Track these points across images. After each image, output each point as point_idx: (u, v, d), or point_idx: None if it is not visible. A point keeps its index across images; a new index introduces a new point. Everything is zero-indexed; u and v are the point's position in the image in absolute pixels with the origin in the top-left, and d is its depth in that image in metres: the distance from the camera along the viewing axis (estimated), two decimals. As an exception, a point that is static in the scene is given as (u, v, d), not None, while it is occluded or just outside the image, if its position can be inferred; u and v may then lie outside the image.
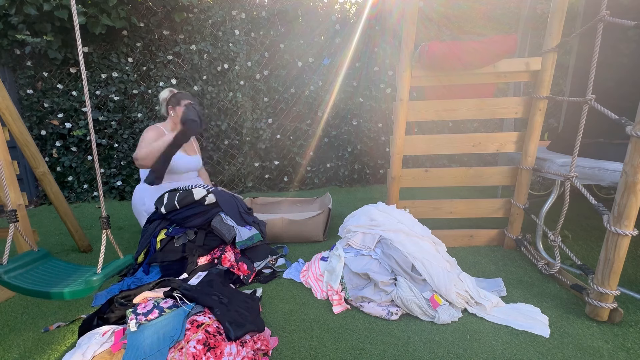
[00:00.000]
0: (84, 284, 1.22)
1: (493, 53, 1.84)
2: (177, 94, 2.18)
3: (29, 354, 1.35)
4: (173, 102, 2.15)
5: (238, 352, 1.20)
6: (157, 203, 1.94)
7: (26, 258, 1.38)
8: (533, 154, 1.98)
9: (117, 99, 3.51)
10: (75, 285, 1.24)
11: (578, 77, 2.34)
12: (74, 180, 3.64)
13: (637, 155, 1.22)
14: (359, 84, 3.78)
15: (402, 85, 1.96)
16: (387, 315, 1.51)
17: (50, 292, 1.20)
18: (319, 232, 2.36)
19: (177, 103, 2.15)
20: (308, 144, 3.87)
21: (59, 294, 1.20)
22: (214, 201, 1.93)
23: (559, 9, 1.72)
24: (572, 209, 2.78)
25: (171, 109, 2.16)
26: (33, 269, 1.36)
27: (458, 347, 1.32)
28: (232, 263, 1.86)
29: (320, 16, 3.61)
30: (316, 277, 1.79)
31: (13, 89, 3.44)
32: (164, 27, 3.45)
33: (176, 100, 2.15)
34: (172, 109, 2.16)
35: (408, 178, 2.15)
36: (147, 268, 1.82)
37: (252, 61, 3.60)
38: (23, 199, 1.81)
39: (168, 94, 2.18)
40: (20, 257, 1.37)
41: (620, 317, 1.41)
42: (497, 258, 2.06)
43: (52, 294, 1.20)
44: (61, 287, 1.22)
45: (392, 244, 1.67)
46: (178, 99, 2.16)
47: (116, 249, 1.43)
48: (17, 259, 1.34)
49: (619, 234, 1.30)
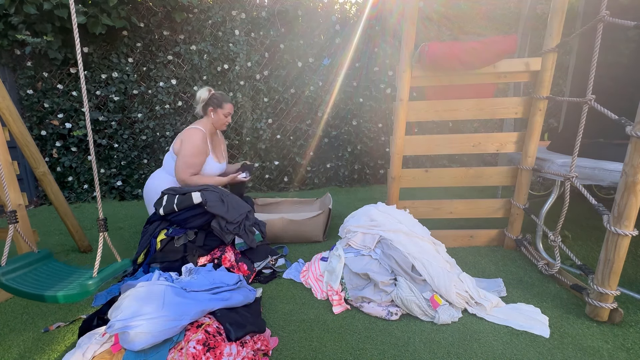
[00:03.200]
0: (79, 288, 1.20)
1: (493, 53, 1.84)
2: (218, 95, 2.15)
3: (28, 354, 1.35)
4: (215, 103, 2.13)
5: (238, 352, 1.20)
6: (156, 205, 1.94)
7: (25, 260, 1.36)
8: (533, 154, 1.98)
9: (117, 99, 3.51)
10: (71, 289, 1.22)
11: (578, 77, 2.34)
12: (74, 180, 3.64)
13: (637, 155, 1.22)
14: (359, 84, 3.78)
15: (402, 86, 1.96)
16: (387, 315, 1.50)
17: (45, 296, 1.19)
18: (319, 232, 2.36)
19: (219, 105, 2.13)
20: (308, 144, 3.87)
21: (53, 297, 1.18)
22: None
23: (559, 9, 1.72)
24: (572, 209, 2.78)
25: (212, 110, 2.14)
26: (31, 271, 1.34)
27: (458, 347, 1.32)
28: (232, 263, 1.86)
29: (320, 16, 3.61)
30: (316, 277, 1.79)
31: (13, 89, 3.44)
32: (164, 27, 3.45)
33: (218, 102, 2.13)
34: (213, 110, 2.14)
35: (408, 178, 2.15)
36: (147, 268, 1.82)
37: (252, 61, 3.60)
38: (23, 199, 1.81)
39: (207, 94, 2.13)
40: (19, 258, 1.35)
41: (620, 317, 1.41)
42: (497, 258, 2.06)
43: (47, 297, 1.18)
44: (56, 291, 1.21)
45: (392, 244, 1.67)
46: (220, 101, 2.14)
47: (114, 252, 1.41)
48: (16, 261, 1.33)
49: (619, 234, 1.30)
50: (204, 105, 2.15)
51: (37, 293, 1.20)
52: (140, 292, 1.25)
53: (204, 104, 2.15)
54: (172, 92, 3.59)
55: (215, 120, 2.16)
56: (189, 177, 2.04)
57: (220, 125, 2.20)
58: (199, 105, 2.16)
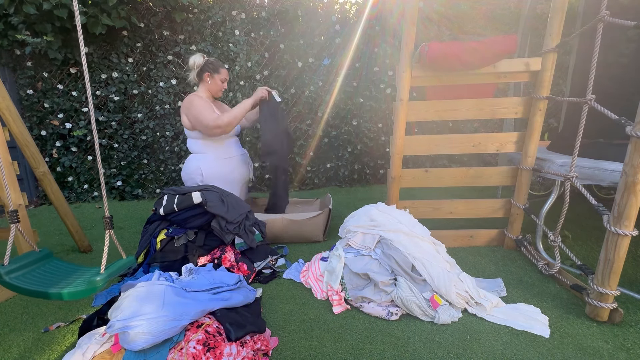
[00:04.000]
0: (87, 284, 1.22)
1: (493, 53, 1.84)
2: (213, 60, 2.11)
3: (28, 354, 1.35)
4: (211, 68, 2.09)
5: (238, 352, 1.20)
6: (156, 204, 1.94)
7: (28, 258, 1.37)
8: (533, 154, 1.98)
9: (117, 99, 3.52)
10: (77, 285, 1.24)
11: (578, 77, 2.34)
12: (74, 180, 3.64)
13: (637, 155, 1.22)
14: (359, 84, 3.78)
15: (402, 86, 1.96)
16: (387, 315, 1.51)
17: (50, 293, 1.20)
18: (319, 232, 2.36)
19: (216, 70, 2.10)
20: (308, 144, 3.87)
21: (58, 294, 1.20)
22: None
23: (559, 9, 1.72)
24: (572, 209, 2.78)
25: (208, 75, 2.09)
26: (35, 270, 1.36)
27: (458, 348, 1.32)
28: (232, 263, 1.86)
29: (320, 16, 3.61)
30: (316, 277, 1.79)
31: (13, 89, 3.44)
32: (164, 27, 3.45)
33: (214, 67, 2.10)
34: (209, 75, 2.10)
35: (408, 178, 2.15)
36: (147, 268, 1.82)
37: (252, 61, 3.60)
38: (23, 199, 1.81)
39: (202, 60, 2.08)
40: (22, 257, 1.37)
41: (621, 317, 1.41)
42: (497, 258, 2.06)
43: (52, 294, 1.20)
44: (61, 288, 1.22)
45: (392, 244, 1.67)
46: (216, 66, 2.10)
47: (119, 249, 1.42)
48: (19, 260, 1.34)
49: (619, 234, 1.30)
50: (199, 71, 2.10)
51: (43, 291, 1.21)
52: (140, 292, 1.25)
53: (199, 70, 2.10)
54: (172, 92, 3.59)
55: (212, 86, 2.13)
56: (218, 122, 1.99)
57: (216, 91, 2.17)
58: (194, 72, 2.11)
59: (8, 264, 1.29)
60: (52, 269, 1.39)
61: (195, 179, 2.18)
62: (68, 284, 1.26)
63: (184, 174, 2.23)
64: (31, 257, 1.39)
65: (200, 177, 2.17)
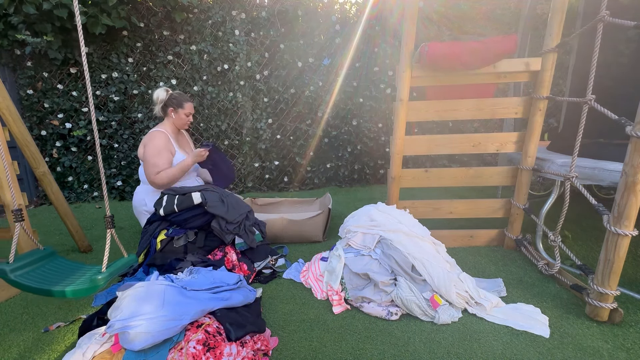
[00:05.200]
0: (89, 283, 1.22)
1: (493, 53, 1.84)
2: (176, 95, 2.13)
3: (28, 353, 1.35)
4: (174, 103, 2.11)
5: (238, 352, 1.20)
6: (156, 205, 1.94)
7: (32, 256, 1.38)
8: (533, 154, 1.98)
9: (117, 99, 3.52)
10: (80, 283, 1.25)
11: (578, 77, 2.34)
12: (74, 180, 3.64)
13: (637, 155, 1.22)
14: (359, 84, 3.78)
15: (402, 86, 1.96)
16: (387, 315, 1.51)
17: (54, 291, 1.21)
18: (319, 232, 2.36)
19: (179, 105, 2.11)
20: (308, 144, 3.87)
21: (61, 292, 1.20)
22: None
23: (559, 9, 1.72)
24: (572, 209, 2.78)
25: (172, 110, 2.12)
26: (39, 267, 1.37)
27: (458, 347, 1.32)
28: (235, 263, 1.86)
29: (320, 16, 3.61)
30: (316, 277, 1.79)
31: (13, 89, 3.44)
32: (164, 27, 3.45)
33: (177, 102, 2.11)
34: (173, 110, 2.12)
35: (408, 178, 2.15)
36: (147, 269, 1.82)
37: (252, 61, 3.60)
38: (23, 199, 1.81)
39: (165, 94, 2.11)
40: (26, 255, 1.37)
41: (620, 317, 1.41)
42: (497, 258, 2.06)
43: (55, 292, 1.21)
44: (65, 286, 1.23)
45: (392, 244, 1.67)
46: (180, 100, 2.12)
47: (120, 248, 1.43)
48: (23, 257, 1.35)
49: (619, 234, 1.30)
50: (163, 106, 2.12)
51: (48, 288, 1.22)
52: (140, 291, 1.25)
53: (162, 105, 2.11)
54: (172, 92, 3.59)
55: (176, 120, 2.14)
56: (156, 176, 2.01)
57: (182, 125, 2.17)
58: (157, 107, 2.13)
59: (13, 262, 1.30)
60: (55, 267, 1.40)
61: (140, 210, 2.18)
62: (71, 282, 1.27)
63: (134, 202, 2.22)
64: (35, 255, 1.40)
65: (144, 208, 2.15)
